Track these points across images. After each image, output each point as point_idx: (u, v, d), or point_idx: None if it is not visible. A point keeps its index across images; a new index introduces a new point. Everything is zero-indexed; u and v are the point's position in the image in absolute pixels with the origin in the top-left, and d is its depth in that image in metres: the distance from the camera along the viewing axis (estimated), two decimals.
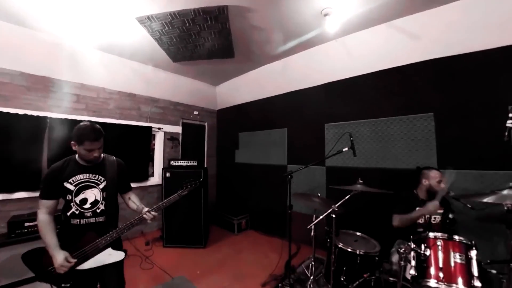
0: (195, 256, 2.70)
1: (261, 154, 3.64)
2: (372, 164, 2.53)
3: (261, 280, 2.20)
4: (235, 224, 3.45)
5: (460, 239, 1.30)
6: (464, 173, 2.04)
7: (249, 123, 3.87)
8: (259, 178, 3.66)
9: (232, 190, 4.11)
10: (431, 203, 1.66)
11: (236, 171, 4.04)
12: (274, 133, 3.50)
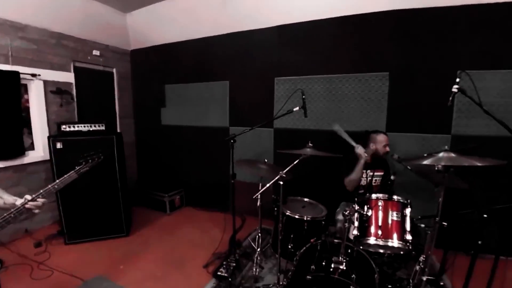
0: (116, 248, 2.55)
1: (196, 113, 3.45)
2: (323, 126, 2.80)
3: (203, 261, 2.30)
4: (167, 202, 3.37)
5: (398, 198, 1.65)
6: (408, 136, 2.52)
7: (180, 72, 3.49)
8: (194, 144, 3.53)
9: (159, 161, 3.86)
10: (359, 148, 2.05)
11: (163, 137, 3.75)
12: (213, 86, 3.31)
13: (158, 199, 3.42)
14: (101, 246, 2.58)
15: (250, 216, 3.08)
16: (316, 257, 1.54)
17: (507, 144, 1.57)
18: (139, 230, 2.92)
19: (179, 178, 3.69)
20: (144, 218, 3.20)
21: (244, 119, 3.14)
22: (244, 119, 3.13)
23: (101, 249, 2.52)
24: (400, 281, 1.95)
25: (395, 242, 1.53)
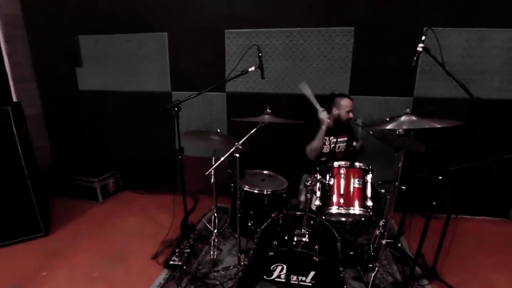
0: (34, 251, 2.33)
1: (126, 75, 3.13)
2: (283, 89, 2.85)
3: (151, 252, 2.27)
4: (98, 188, 3.15)
5: (360, 165, 1.82)
6: (372, 99, 2.73)
7: (99, 19, 3.04)
8: (127, 115, 3.26)
9: (80, 138, 3.48)
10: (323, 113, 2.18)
11: (83, 106, 3.34)
12: (146, 40, 3.00)
13: (85, 186, 3.17)
14: (14, 251, 2.33)
15: (204, 196, 3.10)
16: (278, 232, 1.65)
17: (464, 106, 1.80)
18: (63, 225, 2.70)
19: (111, 158, 3.44)
20: (68, 211, 2.96)
21: (189, 82, 2.98)
22: (190, 81, 2.98)
23: (14, 255, 2.29)
24: (361, 246, 2.25)
25: (357, 209, 1.72)
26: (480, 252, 2.37)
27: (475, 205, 2.90)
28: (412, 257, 2.13)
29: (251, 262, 1.62)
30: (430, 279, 2.02)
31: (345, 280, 1.53)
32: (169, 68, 3.03)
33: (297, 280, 1.49)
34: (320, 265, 1.45)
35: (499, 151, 1.59)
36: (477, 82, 2.55)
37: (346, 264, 2.10)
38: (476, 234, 2.64)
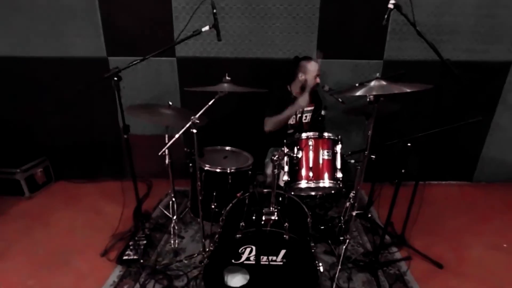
0: None
1: (44, 35, 2.81)
2: (243, 53, 2.80)
3: (99, 248, 2.22)
4: (22, 180, 2.92)
5: (329, 135, 1.90)
6: (341, 63, 2.81)
7: None
8: (52, 87, 2.97)
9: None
10: (301, 98, 2.22)
11: None
12: None
13: (5, 179, 2.92)
14: None
15: (158, 179, 3.06)
16: (245, 212, 1.72)
17: (434, 68, 1.96)
18: None
19: (37, 142, 3.19)
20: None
21: (130, 45, 2.79)
22: (131, 45, 2.78)
23: None
24: (332, 220, 2.44)
25: (327, 182, 1.83)
26: (446, 216, 2.71)
27: (441, 170, 3.27)
28: (381, 226, 2.37)
29: (217, 247, 1.67)
30: (399, 246, 2.29)
31: (317, 255, 1.66)
32: (102, 27, 2.78)
33: (267, 261, 1.58)
34: (290, 243, 1.54)
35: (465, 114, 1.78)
36: (447, 43, 2.75)
37: (317, 239, 2.28)
38: (442, 199, 3.00)
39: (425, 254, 2.20)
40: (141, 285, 1.89)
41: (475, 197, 3.10)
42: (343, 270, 2.03)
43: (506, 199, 3.05)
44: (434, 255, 2.19)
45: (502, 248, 2.37)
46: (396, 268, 2.11)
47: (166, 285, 1.89)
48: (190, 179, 2.32)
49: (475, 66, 2.85)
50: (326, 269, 2.03)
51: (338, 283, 1.92)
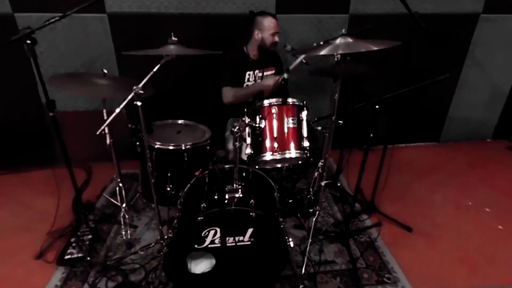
0: None
1: None
2: (190, 8, 2.67)
3: (32, 251, 2.12)
4: None
5: (293, 101, 1.91)
6: (303, 18, 2.81)
7: None
8: None
9: None
10: (269, 78, 2.22)
11: None
12: None
13: None
14: None
15: (100, 163, 2.94)
16: (206, 192, 1.73)
17: (402, 22, 2.05)
18: None
19: None
20: None
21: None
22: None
23: None
24: (300, 192, 2.56)
25: (293, 153, 1.88)
26: (414, 179, 2.98)
27: (409, 132, 3.53)
28: (351, 194, 2.55)
29: (177, 232, 1.68)
30: (369, 213, 2.49)
31: (286, 230, 1.75)
32: None
33: (234, 242, 1.63)
34: (257, 220, 1.60)
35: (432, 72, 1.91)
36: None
37: (285, 214, 2.39)
38: (410, 162, 3.28)
39: (395, 219, 2.43)
40: (90, 285, 1.86)
41: (442, 157, 3.43)
42: (314, 243, 2.17)
43: (471, 158, 3.41)
44: (403, 219, 2.43)
45: (468, 206, 2.68)
46: (367, 236, 2.31)
47: (121, 281, 1.88)
48: (139, 160, 2.27)
49: (442, 19, 3.02)
50: (296, 244, 2.16)
51: (310, 257, 2.05)
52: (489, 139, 3.81)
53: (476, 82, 3.40)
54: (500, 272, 2.10)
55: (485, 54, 3.28)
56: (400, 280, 1.99)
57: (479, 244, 2.32)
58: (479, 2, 3.04)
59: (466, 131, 3.68)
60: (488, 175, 3.13)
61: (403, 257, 2.15)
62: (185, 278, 1.70)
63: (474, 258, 2.20)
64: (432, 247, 2.26)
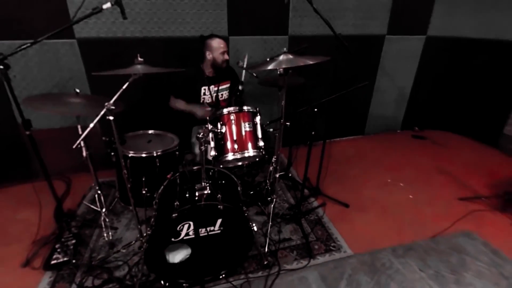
0: None
1: None
2: (153, 32, 2.56)
3: (20, 260, 1.90)
4: None
5: (248, 108, 1.93)
6: (252, 39, 2.82)
7: None
8: None
9: None
10: (202, 109, 2.19)
11: None
12: None
13: None
14: None
15: (78, 174, 2.70)
16: (178, 192, 1.67)
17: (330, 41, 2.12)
18: None
19: None
20: None
21: (13, 25, 2.25)
22: (14, 25, 2.25)
23: None
24: (259, 184, 2.56)
25: (251, 152, 1.89)
26: (348, 166, 3.11)
27: (341, 129, 3.68)
28: (300, 182, 2.60)
29: (155, 229, 1.60)
30: (315, 196, 2.56)
31: (250, 217, 1.74)
32: None
33: (206, 232, 1.60)
34: (225, 211, 1.57)
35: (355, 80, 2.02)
36: (338, 20, 3.00)
37: (248, 204, 2.38)
38: (344, 152, 3.41)
39: (335, 199, 2.52)
40: (78, 285, 1.71)
41: (367, 147, 3.62)
42: (274, 225, 2.18)
43: (387, 146, 3.65)
44: (342, 198, 2.52)
45: (387, 183, 2.85)
46: (315, 215, 2.36)
47: (107, 278, 1.74)
48: (115, 169, 2.12)
49: (360, 39, 3.19)
50: (259, 228, 2.15)
51: (270, 237, 2.06)
52: (399, 130, 4.06)
53: (386, 87, 3.64)
54: (415, 230, 2.25)
55: (391, 65, 3.52)
56: (342, 247, 2.06)
57: (398, 210, 2.48)
58: (384, 26, 3.26)
59: (382, 125, 3.91)
60: (400, 158, 3.34)
61: (344, 228, 2.23)
62: (165, 268, 1.63)
63: (396, 222, 2.34)
64: (365, 217, 2.38)
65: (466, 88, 3.68)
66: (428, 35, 3.51)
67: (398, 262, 1.96)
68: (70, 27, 2.27)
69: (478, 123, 3.68)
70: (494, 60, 3.41)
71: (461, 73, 3.66)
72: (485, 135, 3.63)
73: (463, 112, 3.79)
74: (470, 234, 2.22)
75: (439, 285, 1.82)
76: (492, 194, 2.63)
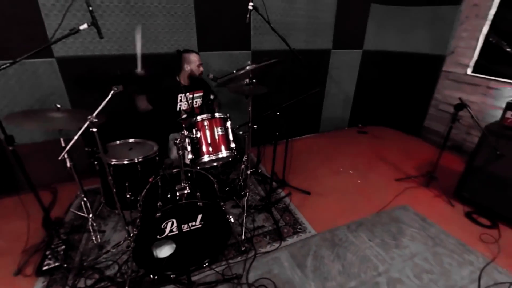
0: None
1: None
2: (129, 50, 2.44)
3: (11, 269, 1.71)
4: None
5: (219, 115, 1.90)
6: (219, 54, 2.78)
7: None
8: None
9: None
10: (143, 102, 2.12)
11: None
12: None
13: None
14: None
15: (63, 184, 2.49)
16: (160, 193, 1.60)
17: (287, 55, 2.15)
18: None
19: None
20: None
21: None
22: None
23: None
24: (233, 181, 2.54)
25: (224, 153, 1.87)
26: (307, 159, 3.18)
27: (300, 128, 3.77)
28: (269, 176, 2.61)
29: (141, 229, 1.52)
30: (282, 187, 2.59)
31: (227, 211, 1.72)
32: None
33: (188, 227, 1.55)
34: (204, 207, 1.54)
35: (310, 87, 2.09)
36: (292, 36, 3.06)
37: (224, 199, 2.35)
38: (304, 148, 3.49)
39: (299, 188, 2.56)
40: (71, 286, 1.58)
41: (321, 142, 3.73)
42: (248, 216, 2.18)
43: (338, 141, 3.78)
44: (304, 187, 2.58)
45: (340, 172, 2.97)
46: (283, 203, 2.39)
47: (98, 277, 1.63)
48: (99, 176, 1.98)
49: (311, 53, 3.29)
50: (236, 219, 2.14)
51: (246, 226, 2.06)
52: (346, 127, 4.21)
53: (335, 92, 3.78)
54: (364, 208, 2.36)
55: (337, 74, 3.66)
56: (307, 228, 2.11)
57: (349, 193, 2.58)
58: (329, 42, 3.38)
59: (333, 124, 4.04)
60: (348, 150, 3.48)
61: (307, 212, 2.28)
62: (153, 263, 1.56)
63: (348, 203, 2.44)
64: (324, 202, 2.45)
65: (395, 91, 3.95)
66: (364, 49, 3.71)
67: (352, 236, 2.05)
68: (48, 47, 2.10)
69: (405, 118, 3.97)
70: (413, 68, 3.70)
71: (391, 79, 3.93)
72: (411, 128, 3.92)
73: (394, 110, 4.06)
74: (405, 207, 2.39)
75: (384, 250, 1.93)
76: (419, 174, 2.85)
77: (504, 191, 2.16)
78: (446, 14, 3.26)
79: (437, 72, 3.47)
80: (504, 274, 1.78)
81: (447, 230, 2.14)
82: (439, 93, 3.53)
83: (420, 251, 1.94)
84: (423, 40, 3.51)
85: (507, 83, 2.86)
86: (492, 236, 2.10)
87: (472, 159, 2.31)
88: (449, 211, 2.38)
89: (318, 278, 1.72)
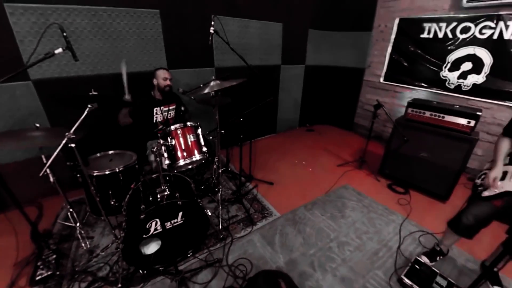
0: None
1: None
2: (104, 70, 2.27)
3: (2, 284, 1.51)
4: None
5: (191, 124, 1.88)
6: (186, 71, 2.71)
7: None
8: None
9: None
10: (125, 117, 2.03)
11: None
12: None
13: None
14: None
15: (48, 198, 2.24)
16: (142, 197, 1.54)
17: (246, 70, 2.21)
18: None
19: None
20: None
21: None
22: None
23: None
24: (208, 180, 2.51)
25: (197, 156, 1.85)
26: (268, 156, 3.24)
27: (260, 130, 3.83)
28: (238, 173, 2.63)
29: (127, 231, 1.45)
30: (250, 181, 2.62)
31: (204, 206, 1.70)
32: None
33: (171, 224, 1.52)
34: (184, 205, 1.52)
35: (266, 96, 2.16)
36: (249, 55, 3.10)
37: (201, 196, 2.32)
38: (265, 147, 3.54)
39: (263, 180, 2.62)
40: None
41: (279, 141, 3.82)
42: (223, 208, 2.18)
43: (291, 139, 3.90)
44: (268, 178, 2.64)
45: (295, 163, 3.09)
46: (252, 194, 2.43)
47: (92, 279, 1.52)
48: (83, 188, 1.82)
49: (265, 68, 3.37)
50: (212, 212, 2.13)
51: (222, 217, 2.06)
52: (297, 127, 4.35)
53: (286, 99, 3.91)
54: (316, 190, 2.49)
55: (287, 85, 3.80)
56: (273, 212, 2.17)
57: (304, 180, 2.70)
58: (279, 59, 3.50)
59: (287, 125, 4.16)
60: (300, 146, 3.61)
61: (272, 199, 2.34)
62: (142, 259, 1.49)
63: (304, 187, 2.55)
64: (284, 189, 2.52)
65: (332, 96, 4.25)
66: (306, 64, 3.92)
67: (309, 214, 2.17)
68: (24, 71, 1.85)
69: (341, 117, 4.28)
70: (343, 78, 4.02)
71: (328, 87, 4.21)
72: (345, 124, 4.25)
73: (332, 111, 4.36)
74: (346, 186, 2.60)
75: (333, 221, 2.09)
76: (354, 159, 3.11)
77: (411, 166, 2.48)
78: (363, 38, 3.62)
79: (360, 81, 3.83)
80: (415, 226, 2.06)
81: (376, 199, 2.38)
82: (362, 96, 3.89)
83: (359, 218, 2.13)
84: (349, 56, 3.85)
85: (406, 88, 3.30)
86: (406, 199, 2.39)
87: (388, 145, 2.60)
88: (376, 185, 2.64)
89: (285, 251, 1.79)
